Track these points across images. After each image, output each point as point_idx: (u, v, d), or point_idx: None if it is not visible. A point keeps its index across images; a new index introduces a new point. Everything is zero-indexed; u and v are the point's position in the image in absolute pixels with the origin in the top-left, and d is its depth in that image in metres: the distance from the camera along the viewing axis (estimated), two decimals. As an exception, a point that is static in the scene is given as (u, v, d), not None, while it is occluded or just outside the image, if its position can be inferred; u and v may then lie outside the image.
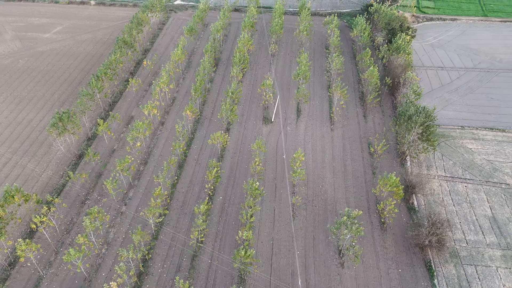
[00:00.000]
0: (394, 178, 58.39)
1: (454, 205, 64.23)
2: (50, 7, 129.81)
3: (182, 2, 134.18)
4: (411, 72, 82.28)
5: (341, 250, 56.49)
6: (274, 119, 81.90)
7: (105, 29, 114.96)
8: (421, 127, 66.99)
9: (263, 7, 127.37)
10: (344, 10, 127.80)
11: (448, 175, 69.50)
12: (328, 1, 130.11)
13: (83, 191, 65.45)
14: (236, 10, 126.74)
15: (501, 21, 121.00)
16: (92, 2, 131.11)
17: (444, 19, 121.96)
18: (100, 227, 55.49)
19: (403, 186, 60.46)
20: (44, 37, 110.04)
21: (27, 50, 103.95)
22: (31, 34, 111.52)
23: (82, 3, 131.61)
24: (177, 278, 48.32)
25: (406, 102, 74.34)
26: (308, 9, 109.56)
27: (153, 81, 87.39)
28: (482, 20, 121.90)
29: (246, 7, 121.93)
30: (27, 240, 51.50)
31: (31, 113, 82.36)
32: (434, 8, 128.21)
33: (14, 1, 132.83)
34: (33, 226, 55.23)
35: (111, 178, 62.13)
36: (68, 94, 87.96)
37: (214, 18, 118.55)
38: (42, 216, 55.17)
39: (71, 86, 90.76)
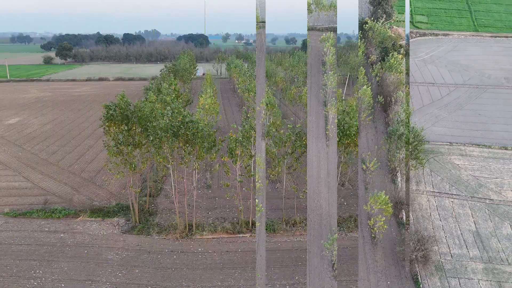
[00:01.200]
0: (383, 196, 62.76)
1: (440, 220, 68.63)
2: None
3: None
4: (402, 92, 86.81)
5: (334, 263, 60.81)
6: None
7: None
8: (410, 146, 71.46)
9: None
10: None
11: (436, 191, 73.93)
12: (325, 16, 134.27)
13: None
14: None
15: (491, 36, 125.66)
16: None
17: (436, 34, 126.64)
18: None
19: (391, 204, 64.77)
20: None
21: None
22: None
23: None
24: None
25: (397, 121, 78.73)
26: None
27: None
28: (473, 35, 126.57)
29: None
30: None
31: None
32: (427, 23, 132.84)
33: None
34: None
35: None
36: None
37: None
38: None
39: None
